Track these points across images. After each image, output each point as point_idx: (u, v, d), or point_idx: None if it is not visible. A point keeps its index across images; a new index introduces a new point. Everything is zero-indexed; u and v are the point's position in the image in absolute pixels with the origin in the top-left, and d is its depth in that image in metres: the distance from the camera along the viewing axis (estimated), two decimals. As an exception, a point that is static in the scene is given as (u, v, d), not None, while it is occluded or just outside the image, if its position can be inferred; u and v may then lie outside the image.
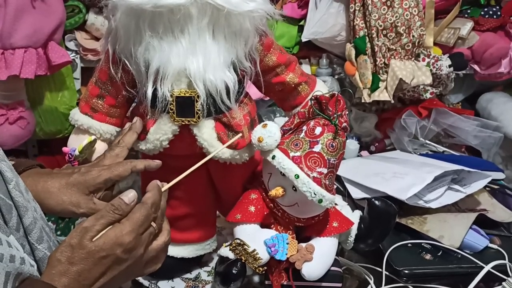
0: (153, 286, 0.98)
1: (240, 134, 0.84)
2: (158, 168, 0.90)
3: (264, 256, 0.83)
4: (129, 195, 0.65)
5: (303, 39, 1.36)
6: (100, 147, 0.89)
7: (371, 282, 0.97)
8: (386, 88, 1.30)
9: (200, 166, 0.90)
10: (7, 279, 0.53)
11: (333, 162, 0.82)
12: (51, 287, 0.56)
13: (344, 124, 0.83)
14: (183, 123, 0.82)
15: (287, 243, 0.84)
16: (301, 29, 1.38)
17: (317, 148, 0.81)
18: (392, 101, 1.32)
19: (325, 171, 0.81)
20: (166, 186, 0.71)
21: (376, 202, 0.90)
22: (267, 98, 1.33)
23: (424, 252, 1.02)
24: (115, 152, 0.81)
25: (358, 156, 1.43)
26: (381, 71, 1.31)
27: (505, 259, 0.99)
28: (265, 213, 0.89)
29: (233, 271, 0.82)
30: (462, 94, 1.57)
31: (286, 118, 0.95)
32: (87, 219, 0.62)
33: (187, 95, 0.80)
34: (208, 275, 1.02)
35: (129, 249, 0.61)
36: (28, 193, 0.66)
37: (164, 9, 0.74)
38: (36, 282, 0.57)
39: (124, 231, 0.61)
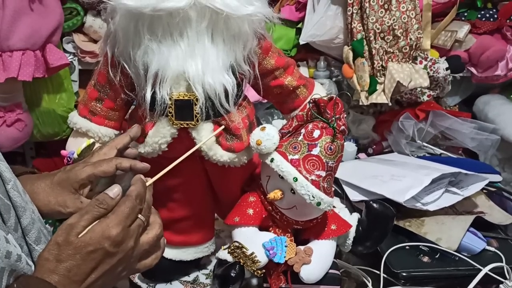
0: (151, 289, 0.98)
1: (223, 126, 0.83)
2: (157, 171, 0.90)
3: (262, 258, 0.83)
4: (114, 190, 0.64)
5: (301, 42, 1.36)
6: (99, 150, 0.89)
7: (369, 284, 0.97)
8: (383, 90, 1.30)
9: (198, 169, 0.91)
10: (1, 275, 0.53)
11: (332, 165, 0.82)
12: (45, 283, 0.56)
13: (342, 127, 0.83)
14: (181, 126, 0.82)
15: (286, 246, 0.85)
16: (299, 31, 1.38)
17: (315, 151, 0.81)
18: (390, 104, 1.32)
19: (323, 174, 0.81)
20: (151, 180, 0.71)
21: (374, 204, 0.90)
22: (265, 101, 1.33)
23: (421, 255, 1.02)
24: (103, 151, 0.79)
25: (355, 158, 1.43)
26: (378, 74, 1.31)
27: (502, 262, 0.99)
28: (264, 215, 0.89)
29: (232, 274, 0.82)
30: (459, 97, 1.57)
31: (284, 121, 0.96)
32: (72, 216, 0.62)
33: (186, 98, 0.80)
34: (207, 278, 1.02)
35: (118, 242, 0.60)
36: (26, 195, 0.66)
37: (163, 13, 0.74)
38: (31, 278, 0.57)
39: (110, 224, 0.60)
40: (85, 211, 0.62)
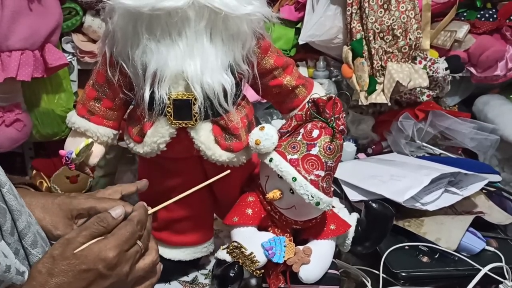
0: (150, 289, 0.98)
1: (228, 171, 0.79)
2: (156, 171, 0.91)
3: (261, 258, 0.83)
4: (117, 211, 0.64)
5: (300, 42, 1.36)
6: (97, 150, 0.89)
7: (369, 284, 0.97)
8: (383, 90, 1.30)
9: (197, 169, 0.91)
10: None
11: (331, 164, 0.82)
12: None
13: (342, 126, 0.83)
14: (180, 126, 0.82)
15: (285, 246, 0.85)
16: (298, 31, 1.38)
17: (314, 151, 0.81)
18: (389, 104, 1.32)
19: (322, 173, 0.81)
20: (152, 210, 0.70)
21: (373, 204, 0.90)
22: (265, 101, 1.33)
23: (421, 255, 1.02)
24: (108, 192, 0.79)
25: (355, 158, 1.43)
26: (378, 74, 1.31)
27: (501, 262, 0.99)
28: (263, 215, 0.89)
29: (231, 274, 0.82)
30: (459, 97, 1.57)
31: (284, 121, 0.95)
32: (71, 231, 0.61)
33: (185, 97, 0.80)
34: (205, 278, 1.02)
35: (112, 266, 0.60)
36: (21, 198, 0.66)
37: (162, 12, 0.74)
38: None
39: (108, 245, 0.60)
40: (84, 227, 0.61)
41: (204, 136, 0.83)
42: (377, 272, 0.98)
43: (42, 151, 1.42)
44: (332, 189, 0.87)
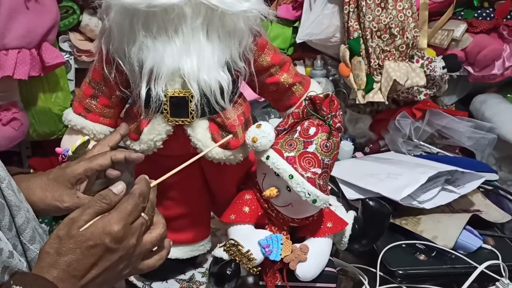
0: (146, 287, 0.98)
1: (231, 136, 0.83)
2: (153, 169, 0.90)
3: (258, 256, 0.82)
4: (118, 187, 0.64)
5: (298, 41, 1.36)
6: (94, 148, 0.89)
7: (366, 283, 0.97)
8: (380, 89, 1.30)
9: (194, 166, 0.90)
10: None
11: (327, 162, 0.82)
12: (42, 279, 0.56)
13: (338, 124, 0.83)
14: (177, 123, 0.82)
15: (281, 244, 0.84)
16: (295, 30, 1.38)
17: (311, 149, 0.81)
18: (386, 102, 1.32)
19: (319, 171, 0.81)
20: (155, 182, 0.70)
21: (370, 202, 0.90)
22: (262, 100, 1.33)
23: (418, 253, 1.02)
24: (96, 149, 0.80)
25: (352, 157, 1.43)
26: (375, 73, 1.31)
27: (498, 259, 0.99)
28: (260, 213, 0.89)
29: (227, 272, 0.82)
30: (456, 96, 1.58)
31: (281, 120, 0.95)
32: (74, 211, 0.62)
33: (181, 95, 0.79)
34: (202, 276, 1.02)
35: (119, 239, 0.60)
36: (21, 193, 0.66)
37: (158, 9, 0.73)
38: (27, 275, 0.57)
39: (112, 220, 0.60)
40: (87, 206, 0.62)
41: (200, 133, 0.83)
42: (374, 270, 0.98)
43: (39, 150, 1.42)
44: (329, 187, 0.87)
